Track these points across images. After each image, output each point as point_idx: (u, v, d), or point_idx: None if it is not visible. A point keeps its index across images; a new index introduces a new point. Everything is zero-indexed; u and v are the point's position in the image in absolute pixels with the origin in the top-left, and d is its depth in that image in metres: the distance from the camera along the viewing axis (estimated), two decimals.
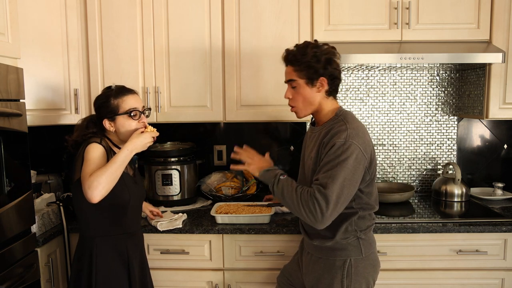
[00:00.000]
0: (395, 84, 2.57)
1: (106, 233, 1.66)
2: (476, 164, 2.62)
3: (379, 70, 2.51)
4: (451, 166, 2.43)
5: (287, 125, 2.63)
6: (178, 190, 2.32)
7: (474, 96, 2.35)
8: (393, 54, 2.04)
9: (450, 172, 2.45)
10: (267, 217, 2.01)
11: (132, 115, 1.66)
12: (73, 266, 1.71)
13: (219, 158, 2.65)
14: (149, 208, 2.09)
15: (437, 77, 2.56)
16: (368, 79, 2.57)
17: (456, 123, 2.58)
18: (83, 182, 1.51)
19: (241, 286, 2.03)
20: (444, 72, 2.55)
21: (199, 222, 2.05)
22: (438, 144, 2.60)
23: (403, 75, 2.56)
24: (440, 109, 2.57)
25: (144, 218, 2.07)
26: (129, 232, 1.71)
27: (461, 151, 2.61)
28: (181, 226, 1.99)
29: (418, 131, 2.59)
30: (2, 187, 1.61)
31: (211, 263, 2.02)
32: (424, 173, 2.62)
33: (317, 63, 1.54)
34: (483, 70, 2.25)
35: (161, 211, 2.12)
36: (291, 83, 1.61)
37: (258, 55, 2.21)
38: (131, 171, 1.75)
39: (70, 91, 2.20)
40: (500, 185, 2.43)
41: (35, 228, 1.85)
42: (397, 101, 2.58)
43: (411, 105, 2.58)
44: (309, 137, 1.69)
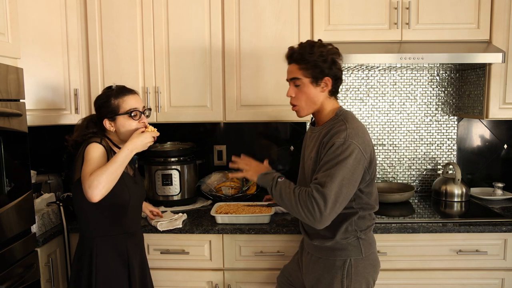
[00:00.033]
0: (395, 84, 2.57)
1: (106, 233, 1.66)
2: (476, 164, 2.62)
3: (379, 70, 2.51)
4: (451, 166, 2.43)
5: (287, 125, 2.63)
6: (178, 190, 2.32)
7: (474, 96, 2.35)
8: (393, 54, 2.04)
9: (450, 172, 2.45)
10: (267, 217, 2.02)
11: (133, 115, 1.66)
12: (73, 266, 1.71)
13: (219, 158, 2.65)
14: (149, 208, 2.09)
15: (437, 77, 2.56)
16: (368, 79, 2.57)
17: (456, 123, 2.58)
18: (83, 182, 1.51)
19: (241, 286, 2.03)
20: (444, 72, 2.55)
21: (199, 222, 2.05)
22: (438, 144, 2.60)
23: (403, 75, 2.56)
24: (440, 109, 2.58)
25: (144, 218, 2.07)
26: (129, 232, 1.71)
27: (461, 151, 2.61)
28: (181, 226, 1.99)
29: (418, 131, 2.59)
30: (2, 187, 1.61)
31: (211, 263, 2.02)
32: (424, 173, 2.62)
33: (323, 62, 1.54)
34: (483, 70, 2.25)
35: (161, 211, 2.12)
36: (294, 81, 1.59)
37: (258, 55, 2.21)
38: (131, 171, 1.75)
39: (70, 91, 2.20)
40: (500, 185, 2.43)
41: (35, 228, 1.85)
42: (397, 101, 2.58)
43: (411, 105, 2.58)
44: (309, 137, 1.69)
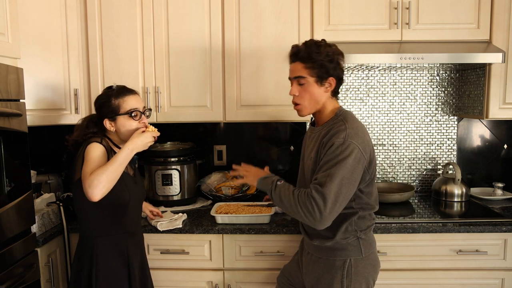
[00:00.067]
0: (395, 84, 2.57)
1: (106, 233, 1.66)
2: (476, 164, 2.62)
3: (379, 70, 2.51)
4: (451, 166, 2.42)
5: (287, 125, 2.63)
6: (178, 190, 2.32)
7: (474, 96, 2.35)
8: (393, 54, 2.04)
9: (450, 172, 2.45)
10: (267, 217, 2.02)
11: (133, 115, 1.66)
12: (73, 266, 1.71)
13: (219, 158, 2.65)
14: (149, 208, 2.09)
15: (437, 77, 2.56)
16: (368, 79, 2.57)
17: (456, 123, 2.58)
18: (83, 181, 1.51)
19: (241, 286, 2.03)
20: (444, 72, 2.55)
21: (199, 222, 2.05)
22: (438, 144, 2.60)
23: (403, 75, 2.56)
24: (440, 109, 2.57)
25: (144, 218, 2.07)
26: (129, 232, 1.71)
27: (461, 151, 2.61)
28: (181, 226, 1.99)
29: (418, 131, 2.59)
30: (2, 187, 1.61)
31: (211, 263, 2.02)
32: (424, 173, 2.62)
33: (329, 62, 1.54)
34: (483, 70, 2.25)
35: (161, 211, 2.12)
36: (299, 80, 1.57)
37: (258, 55, 2.21)
38: (131, 171, 1.75)
39: (70, 91, 2.20)
40: (500, 185, 2.43)
41: (35, 228, 1.85)
42: (397, 101, 2.58)
43: (411, 105, 2.58)
44: (308, 137, 1.69)
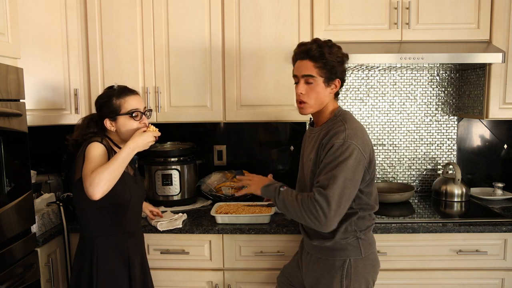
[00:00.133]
0: (395, 84, 2.57)
1: (106, 233, 1.66)
2: (476, 164, 2.62)
3: (379, 70, 2.51)
4: (451, 166, 2.42)
5: (287, 125, 2.63)
6: (178, 190, 2.32)
7: (474, 96, 2.35)
8: (393, 54, 2.04)
9: (450, 172, 2.44)
10: (267, 217, 2.02)
11: (134, 115, 1.66)
12: (73, 266, 1.71)
13: (219, 158, 2.65)
14: (149, 208, 2.09)
15: (437, 77, 2.56)
16: (368, 79, 2.57)
17: (456, 123, 2.58)
18: (84, 180, 1.51)
19: (241, 286, 2.03)
20: (444, 72, 2.55)
21: (199, 222, 2.05)
22: (438, 144, 2.60)
23: (403, 75, 2.56)
24: (440, 109, 2.57)
25: (144, 218, 2.07)
26: (129, 231, 1.71)
27: (461, 151, 2.61)
28: (181, 226, 1.99)
29: (418, 131, 2.59)
30: (2, 187, 1.61)
31: (211, 263, 2.02)
32: (424, 173, 2.62)
33: (339, 64, 1.54)
34: (483, 70, 2.24)
35: (161, 211, 2.12)
36: (307, 78, 1.55)
37: (258, 55, 2.21)
38: (131, 170, 1.75)
39: (70, 91, 2.20)
40: (500, 185, 2.43)
41: (35, 228, 1.85)
42: (397, 101, 2.58)
43: (411, 105, 2.58)
44: (308, 137, 1.69)
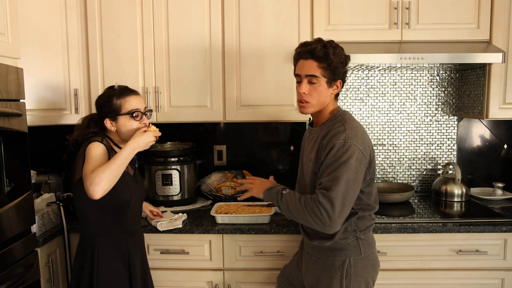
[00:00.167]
0: (395, 84, 2.57)
1: (107, 233, 1.66)
2: (476, 164, 2.62)
3: (379, 70, 2.51)
4: (451, 166, 2.42)
5: (287, 125, 2.63)
6: (178, 190, 2.32)
7: (474, 96, 2.35)
8: (393, 54, 2.04)
9: (450, 172, 2.44)
10: (267, 217, 2.02)
11: (134, 116, 1.67)
12: (74, 266, 1.72)
13: (219, 158, 2.65)
14: (149, 208, 2.09)
15: (437, 77, 2.56)
16: (368, 79, 2.57)
17: (456, 123, 2.58)
18: (84, 179, 1.51)
19: (241, 286, 2.03)
20: (444, 72, 2.55)
21: (199, 222, 2.05)
22: (438, 144, 2.60)
23: (403, 75, 2.56)
24: (440, 109, 2.57)
25: (144, 218, 2.07)
26: (130, 231, 1.71)
27: (461, 151, 2.61)
28: (181, 226, 1.99)
29: (418, 131, 2.59)
30: (2, 187, 1.61)
31: (211, 263, 2.02)
32: (424, 173, 2.62)
33: (342, 66, 1.54)
34: (483, 70, 2.24)
35: (161, 211, 2.12)
36: (311, 78, 1.54)
37: (258, 55, 2.21)
38: (131, 170, 1.75)
39: (70, 91, 2.20)
40: (500, 185, 2.43)
41: (35, 228, 1.85)
42: (397, 101, 2.58)
43: (411, 105, 2.58)
44: (307, 138, 1.69)
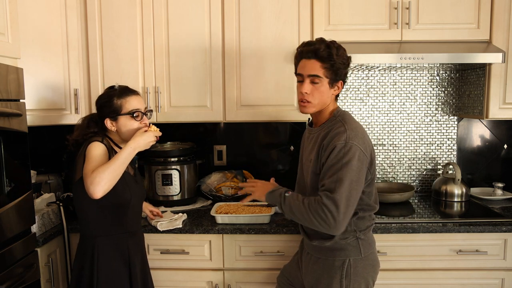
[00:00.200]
0: (395, 84, 2.57)
1: (107, 233, 1.66)
2: (476, 164, 2.62)
3: (379, 70, 2.51)
4: (451, 166, 2.42)
5: (287, 125, 2.63)
6: (178, 190, 2.32)
7: (474, 96, 2.35)
8: (393, 54, 2.04)
9: (450, 172, 2.44)
10: (267, 217, 2.02)
11: (135, 116, 1.67)
12: (74, 266, 1.72)
13: (219, 158, 2.65)
14: (149, 208, 2.09)
15: (437, 77, 2.56)
16: (368, 79, 2.57)
17: (456, 123, 2.58)
18: (85, 179, 1.51)
19: (241, 286, 2.03)
20: (444, 72, 2.55)
21: (199, 222, 2.05)
22: (438, 144, 2.60)
23: (403, 75, 2.56)
24: (440, 109, 2.57)
25: (144, 218, 2.07)
26: (130, 231, 1.71)
27: (461, 151, 2.61)
28: (181, 226, 1.99)
29: (418, 131, 2.59)
30: (2, 187, 1.61)
31: (211, 263, 2.02)
32: (424, 173, 2.62)
33: (344, 67, 1.54)
34: (483, 70, 2.24)
35: (161, 211, 2.12)
36: (313, 78, 1.53)
37: (258, 55, 2.21)
38: (132, 170, 1.75)
39: (70, 91, 2.20)
40: (500, 185, 2.43)
41: (35, 228, 1.85)
42: (397, 101, 2.58)
43: (411, 105, 2.58)
44: (307, 138, 1.69)
